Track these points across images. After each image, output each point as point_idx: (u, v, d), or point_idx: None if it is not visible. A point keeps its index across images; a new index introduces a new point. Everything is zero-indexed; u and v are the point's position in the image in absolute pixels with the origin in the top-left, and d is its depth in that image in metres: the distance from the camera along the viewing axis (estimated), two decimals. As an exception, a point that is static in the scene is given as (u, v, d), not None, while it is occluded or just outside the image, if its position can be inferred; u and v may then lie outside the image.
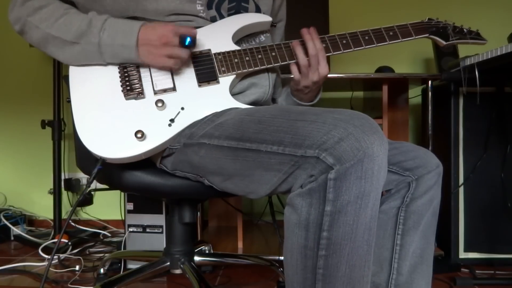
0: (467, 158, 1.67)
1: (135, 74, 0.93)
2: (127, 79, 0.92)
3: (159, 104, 0.89)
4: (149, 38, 0.89)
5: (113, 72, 0.93)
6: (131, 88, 0.91)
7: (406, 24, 1.05)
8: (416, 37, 1.05)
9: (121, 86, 0.92)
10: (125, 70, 0.93)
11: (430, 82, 1.72)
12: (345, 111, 0.70)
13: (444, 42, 1.07)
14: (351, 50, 1.02)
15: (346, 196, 0.63)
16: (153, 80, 0.93)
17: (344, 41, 1.01)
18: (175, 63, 0.90)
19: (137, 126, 0.87)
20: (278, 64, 0.99)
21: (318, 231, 0.65)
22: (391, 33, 1.04)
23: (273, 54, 0.98)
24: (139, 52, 0.90)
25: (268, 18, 1.04)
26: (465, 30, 1.09)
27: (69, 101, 0.91)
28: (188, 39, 0.88)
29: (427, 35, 1.06)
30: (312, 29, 0.99)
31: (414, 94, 2.13)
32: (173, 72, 0.93)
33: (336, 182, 0.63)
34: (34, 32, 0.93)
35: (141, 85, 0.92)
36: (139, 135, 0.86)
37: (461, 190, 1.68)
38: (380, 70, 1.86)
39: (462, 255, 1.68)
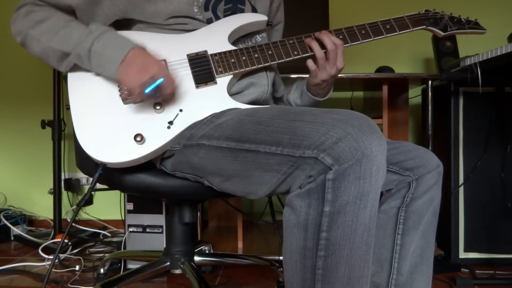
0: (467, 158, 1.67)
1: None
2: None
3: (157, 107, 0.89)
4: (134, 61, 0.87)
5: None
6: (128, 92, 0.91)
7: (402, 17, 1.05)
8: (414, 29, 1.04)
9: (119, 90, 0.91)
10: None
11: (430, 82, 1.71)
12: (343, 111, 0.70)
13: (442, 33, 1.05)
14: (349, 45, 1.02)
15: (345, 196, 0.63)
16: None
17: (341, 37, 1.01)
18: (130, 96, 0.88)
19: (136, 129, 0.87)
20: (275, 62, 0.98)
21: (317, 231, 0.65)
22: (388, 26, 1.03)
23: (270, 52, 0.98)
24: (119, 68, 0.87)
25: (264, 18, 1.04)
26: (463, 20, 1.07)
27: (69, 108, 0.91)
28: (149, 89, 0.83)
29: (424, 26, 1.05)
30: (325, 31, 1.00)
31: (414, 94, 2.13)
32: (171, 73, 0.93)
33: (334, 183, 0.63)
34: (35, 45, 0.94)
35: None
36: (138, 139, 0.86)
37: (461, 190, 1.68)
38: (380, 70, 1.86)
39: (462, 255, 1.68)
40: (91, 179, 0.91)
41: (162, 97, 0.88)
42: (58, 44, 0.91)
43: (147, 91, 0.84)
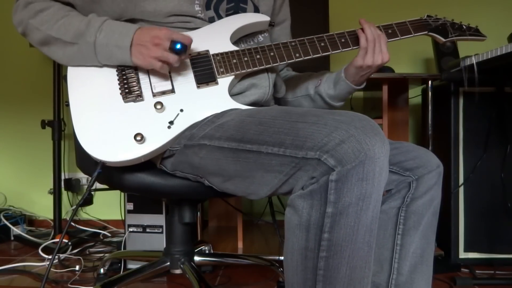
0: (467, 158, 1.67)
1: (134, 77, 0.93)
2: (125, 81, 0.92)
3: (158, 107, 0.89)
4: (142, 39, 0.88)
5: (111, 75, 0.93)
6: (129, 91, 0.91)
7: (404, 22, 1.05)
8: (415, 34, 1.05)
9: (120, 88, 0.91)
10: (123, 72, 0.93)
11: (430, 82, 1.71)
12: (346, 112, 0.70)
13: (443, 39, 1.06)
14: (350, 48, 1.02)
15: (347, 197, 0.63)
16: (151, 82, 0.92)
17: (343, 40, 1.01)
18: (161, 67, 0.89)
19: (137, 129, 0.87)
20: (277, 64, 0.98)
21: (319, 232, 0.65)
22: (390, 31, 1.03)
23: (272, 54, 0.98)
24: (131, 53, 0.89)
25: (266, 18, 1.03)
26: (464, 26, 1.08)
27: (68, 105, 0.91)
28: (178, 45, 0.86)
29: (426, 32, 1.06)
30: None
31: (414, 94, 2.13)
32: (172, 73, 0.93)
33: (337, 184, 0.63)
34: (35, 34, 0.95)
35: (140, 87, 0.92)
36: (138, 138, 0.85)
37: (461, 190, 1.68)
38: (380, 70, 1.85)
39: (462, 255, 1.68)
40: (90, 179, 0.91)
41: (188, 47, 0.89)
42: (57, 33, 0.92)
43: (178, 46, 0.86)
